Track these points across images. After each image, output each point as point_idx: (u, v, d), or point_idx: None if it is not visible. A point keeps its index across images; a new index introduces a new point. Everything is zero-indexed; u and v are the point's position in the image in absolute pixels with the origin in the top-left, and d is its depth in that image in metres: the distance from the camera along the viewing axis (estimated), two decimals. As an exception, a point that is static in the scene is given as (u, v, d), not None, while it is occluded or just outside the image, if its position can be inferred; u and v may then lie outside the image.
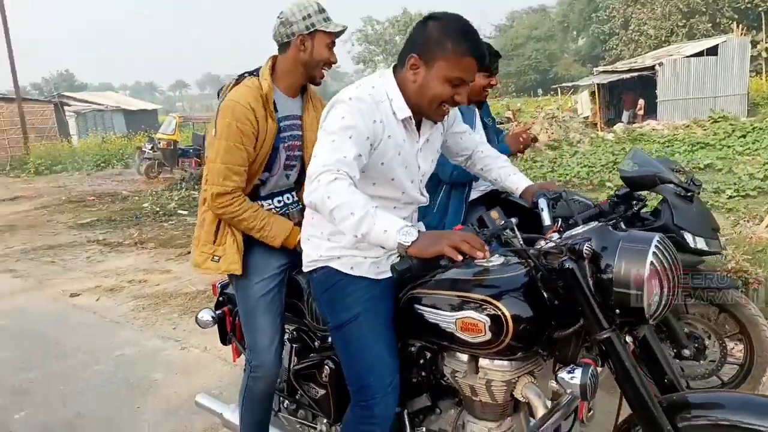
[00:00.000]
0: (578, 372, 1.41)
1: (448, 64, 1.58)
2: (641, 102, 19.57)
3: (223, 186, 1.98)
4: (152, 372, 3.62)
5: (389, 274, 1.55)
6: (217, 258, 2.09)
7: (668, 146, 12.52)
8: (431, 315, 1.62)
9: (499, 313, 1.47)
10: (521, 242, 1.53)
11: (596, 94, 20.44)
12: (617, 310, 1.42)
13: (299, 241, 1.97)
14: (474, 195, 3.04)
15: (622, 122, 18.31)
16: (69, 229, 8.74)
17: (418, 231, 1.37)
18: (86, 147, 22.03)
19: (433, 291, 1.64)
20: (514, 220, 1.56)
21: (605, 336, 1.43)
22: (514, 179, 2.03)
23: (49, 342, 4.26)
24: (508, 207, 2.98)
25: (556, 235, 1.58)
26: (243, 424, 2.18)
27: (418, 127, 1.74)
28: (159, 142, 15.05)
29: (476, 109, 3.02)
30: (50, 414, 3.19)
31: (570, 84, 25.52)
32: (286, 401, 2.22)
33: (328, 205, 1.42)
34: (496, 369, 1.56)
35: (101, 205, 10.95)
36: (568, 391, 1.45)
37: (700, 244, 2.57)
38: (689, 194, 2.61)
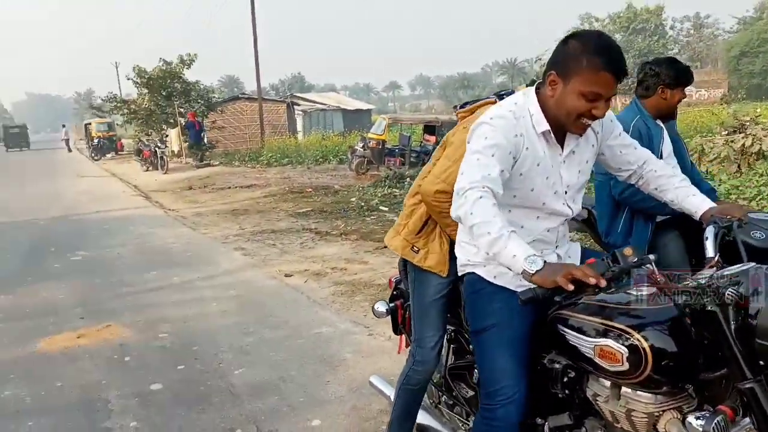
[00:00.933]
0: (706, 418, 1.39)
1: (582, 79, 1.66)
2: None
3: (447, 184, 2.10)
4: (343, 351, 4.10)
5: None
6: (416, 249, 2.26)
7: None
8: (572, 337, 1.68)
9: (638, 344, 1.49)
10: (660, 278, 1.52)
11: None
12: (761, 362, 1.38)
13: None
14: (664, 217, 2.92)
15: None
16: (289, 216, 9.99)
17: (544, 261, 1.48)
18: (309, 143, 24.59)
19: (577, 314, 1.69)
20: (652, 257, 1.55)
21: (747, 386, 1.39)
22: (694, 201, 1.93)
23: (265, 313, 5.04)
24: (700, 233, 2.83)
25: (709, 271, 1.54)
26: (395, 408, 2.43)
27: (563, 140, 1.83)
28: (369, 141, 16.30)
29: (663, 127, 2.90)
30: (260, 374, 3.81)
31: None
32: (444, 396, 2.42)
33: (471, 221, 1.60)
34: (637, 399, 1.56)
35: (316, 196, 12.24)
36: None
37: None
38: None
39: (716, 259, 1.67)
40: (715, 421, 1.38)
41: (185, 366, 4.03)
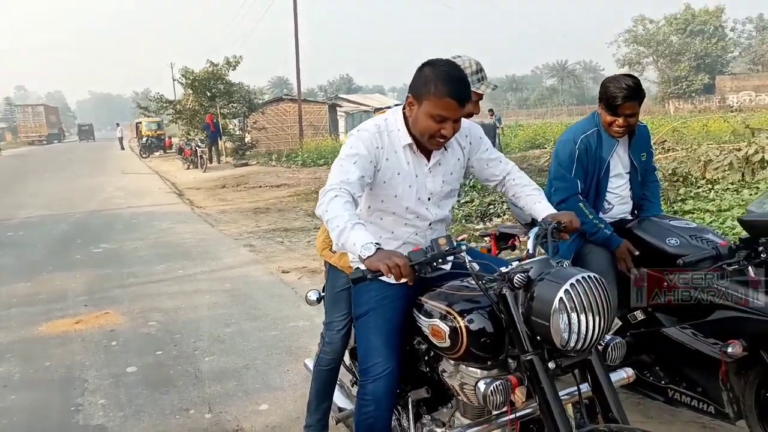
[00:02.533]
0: (487, 383, 1.64)
1: (431, 103, 1.87)
2: None
3: None
4: (311, 343, 4.27)
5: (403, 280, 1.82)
6: (334, 250, 2.41)
7: None
8: (419, 319, 1.96)
9: (456, 324, 1.76)
10: (472, 267, 1.74)
11: None
12: (538, 337, 1.61)
13: None
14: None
15: None
16: (306, 215, 10.27)
17: (378, 248, 1.65)
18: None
19: (428, 300, 1.94)
20: (464, 246, 1.72)
21: (527, 358, 1.62)
22: (538, 207, 2.12)
23: (251, 306, 5.28)
24: (629, 238, 2.87)
25: (515, 263, 1.73)
26: (312, 389, 2.67)
27: (431, 152, 2.05)
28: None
29: (618, 141, 2.91)
30: (227, 362, 4.05)
31: None
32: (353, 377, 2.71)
33: (326, 217, 1.80)
34: (469, 374, 1.81)
35: (339, 197, 12.47)
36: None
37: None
38: (827, 247, 2.22)
39: (528, 253, 1.86)
40: (493, 385, 1.62)
41: (163, 352, 4.31)
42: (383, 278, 1.74)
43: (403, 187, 2.03)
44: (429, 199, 2.09)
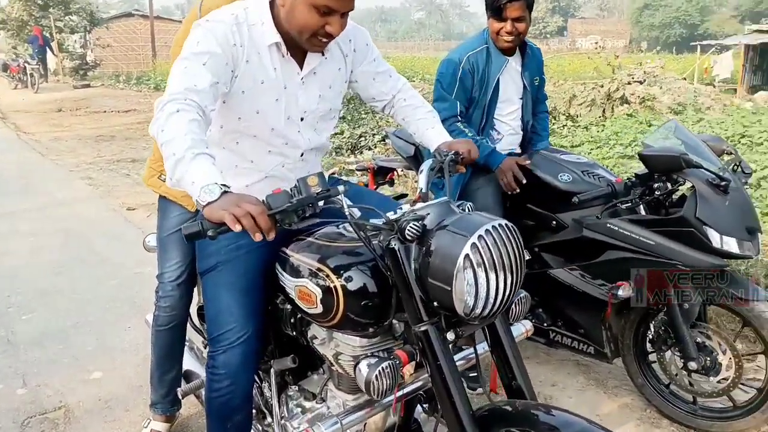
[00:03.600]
0: (371, 365, 1.29)
1: None
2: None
3: None
4: (159, 294, 3.70)
5: (259, 237, 1.45)
6: (163, 177, 1.96)
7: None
8: (282, 277, 1.52)
9: (331, 284, 1.37)
10: (351, 214, 1.30)
11: (743, 55, 18.01)
12: (435, 303, 1.25)
13: None
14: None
15: (768, 90, 16.04)
16: (158, 145, 9.21)
17: (224, 191, 1.18)
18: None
19: (292, 252, 1.51)
20: (341, 188, 1.29)
21: (422, 329, 1.27)
22: (431, 134, 1.75)
23: (87, 250, 4.50)
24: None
25: (406, 207, 1.34)
26: (152, 355, 2.20)
27: (304, 57, 1.58)
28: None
29: (508, 60, 2.60)
30: (51, 321, 3.35)
31: (713, 42, 22.62)
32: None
33: (161, 139, 1.29)
34: (345, 342, 1.44)
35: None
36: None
37: (729, 244, 2.08)
38: (723, 183, 2.10)
39: (419, 192, 1.47)
40: (379, 368, 1.28)
41: (-34, 310, 3.48)
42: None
43: (267, 100, 1.55)
44: (302, 119, 1.63)
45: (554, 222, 2.53)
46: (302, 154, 1.68)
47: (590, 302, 2.42)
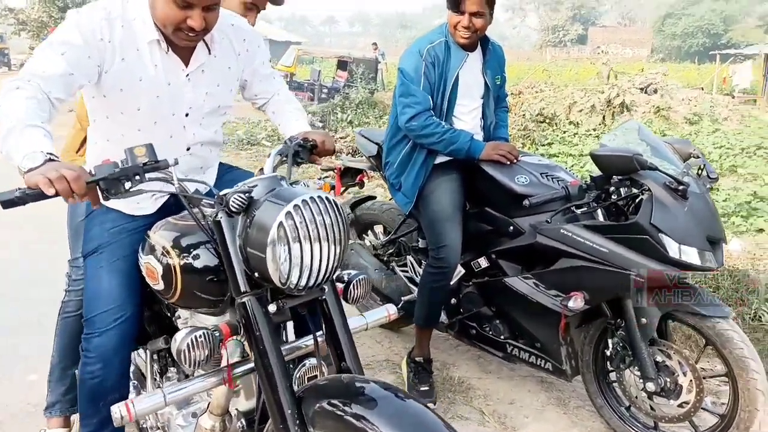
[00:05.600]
0: (183, 335, 1.27)
1: None
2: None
3: None
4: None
5: (149, 211, 1.64)
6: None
7: None
8: (139, 257, 1.56)
9: (170, 261, 1.42)
10: (182, 187, 1.32)
11: (763, 65, 17.59)
12: (256, 273, 1.27)
13: None
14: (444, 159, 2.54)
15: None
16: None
17: (49, 159, 1.19)
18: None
19: (152, 233, 1.53)
20: (171, 161, 1.29)
21: (242, 301, 1.28)
22: (294, 125, 1.78)
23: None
24: (476, 174, 2.47)
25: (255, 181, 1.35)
26: (55, 350, 2.12)
27: (192, 54, 1.59)
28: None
29: (468, 55, 2.47)
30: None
31: (733, 51, 22.16)
32: None
33: None
34: (201, 322, 1.50)
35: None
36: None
37: (688, 254, 1.91)
38: (682, 188, 1.93)
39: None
40: (192, 337, 1.26)
41: None
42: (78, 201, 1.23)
43: (148, 99, 1.56)
44: (187, 115, 1.64)
45: (511, 227, 2.37)
46: (188, 148, 1.68)
47: (545, 314, 2.26)
